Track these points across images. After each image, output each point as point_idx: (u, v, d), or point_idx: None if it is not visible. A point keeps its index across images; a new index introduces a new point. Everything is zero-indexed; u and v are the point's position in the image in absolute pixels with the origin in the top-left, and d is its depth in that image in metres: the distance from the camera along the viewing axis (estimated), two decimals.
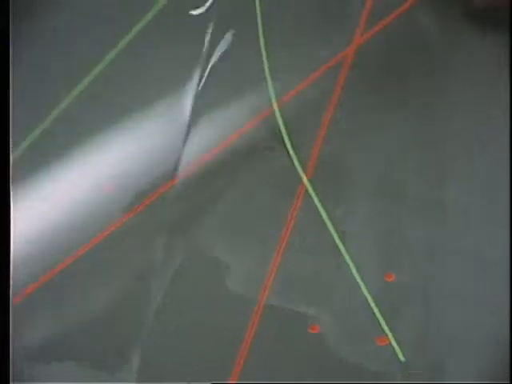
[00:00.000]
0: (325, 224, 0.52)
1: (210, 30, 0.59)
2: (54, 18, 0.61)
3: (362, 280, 0.49)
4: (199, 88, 0.57)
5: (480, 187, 0.54)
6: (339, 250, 0.51)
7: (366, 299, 0.49)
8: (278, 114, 0.56)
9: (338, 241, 0.51)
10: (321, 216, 0.52)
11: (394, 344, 0.48)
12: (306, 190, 0.53)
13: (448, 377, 0.46)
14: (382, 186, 0.54)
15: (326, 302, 0.49)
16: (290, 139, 0.55)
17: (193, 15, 0.59)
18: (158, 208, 0.52)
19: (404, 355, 0.47)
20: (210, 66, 0.58)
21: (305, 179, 0.53)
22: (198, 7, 0.59)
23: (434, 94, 0.58)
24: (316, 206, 0.52)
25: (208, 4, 0.59)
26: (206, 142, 0.55)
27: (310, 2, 0.64)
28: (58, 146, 0.54)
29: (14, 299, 0.48)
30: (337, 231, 0.51)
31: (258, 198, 0.53)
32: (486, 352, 0.47)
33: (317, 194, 0.53)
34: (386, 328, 0.48)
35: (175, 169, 0.53)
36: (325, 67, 0.60)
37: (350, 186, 0.54)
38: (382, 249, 0.51)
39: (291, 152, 0.54)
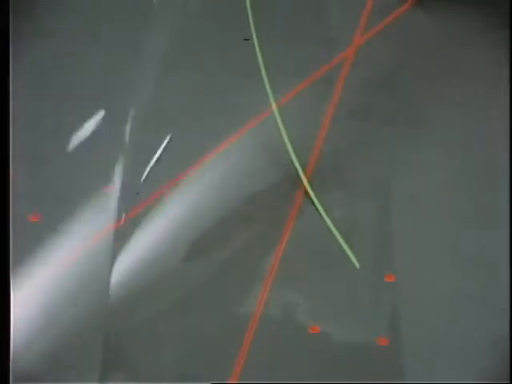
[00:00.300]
0: (324, 224, 0.52)
1: None
2: (54, 18, 0.61)
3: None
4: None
5: (480, 187, 0.54)
6: (339, 251, 0.51)
7: (366, 299, 0.49)
8: (277, 114, 0.56)
9: (337, 241, 0.51)
10: (321, 215, 0.52)
11: (349, 253, 0.49)
12: (306, 190, 0.53)
13: (448, 377, 0.46)
14: (381, 186, 0.54)
15: (326, 302, 0.49)
16: (290, 141, 0.55)
17: None
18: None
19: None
20: None
21: (305, 179, 0.53)
22: None
23: (434, 94, 0.58)
24: (316, 206, 0.52)
25: None
26: (209, 140, 0.56)
27: (310, 2, 0.64)
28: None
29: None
30: (336, 231, 0.51)
31: (258, 198, 0.53)
32: (486, 352, 0.47)
33: (316, 194, 0.53)
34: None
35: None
36: (325, 67, 0.60)
37: (350, 185, 0.54)
38: (382, 249, 0.51)
39: (291, 152, 0.55)
